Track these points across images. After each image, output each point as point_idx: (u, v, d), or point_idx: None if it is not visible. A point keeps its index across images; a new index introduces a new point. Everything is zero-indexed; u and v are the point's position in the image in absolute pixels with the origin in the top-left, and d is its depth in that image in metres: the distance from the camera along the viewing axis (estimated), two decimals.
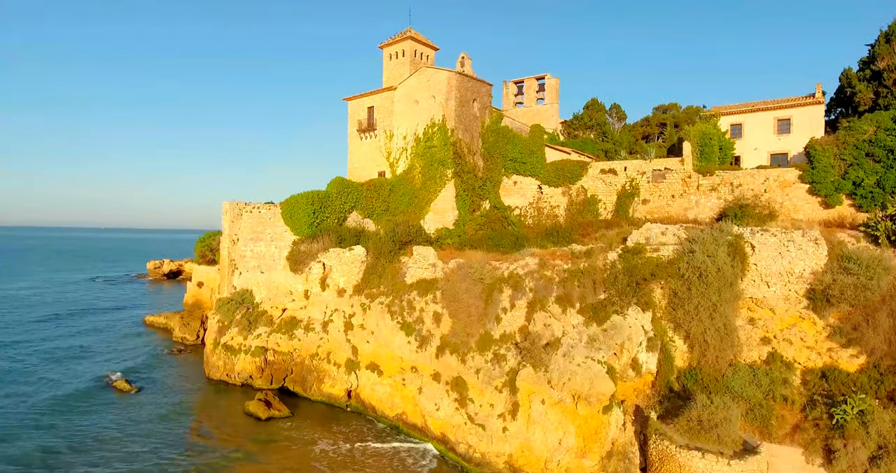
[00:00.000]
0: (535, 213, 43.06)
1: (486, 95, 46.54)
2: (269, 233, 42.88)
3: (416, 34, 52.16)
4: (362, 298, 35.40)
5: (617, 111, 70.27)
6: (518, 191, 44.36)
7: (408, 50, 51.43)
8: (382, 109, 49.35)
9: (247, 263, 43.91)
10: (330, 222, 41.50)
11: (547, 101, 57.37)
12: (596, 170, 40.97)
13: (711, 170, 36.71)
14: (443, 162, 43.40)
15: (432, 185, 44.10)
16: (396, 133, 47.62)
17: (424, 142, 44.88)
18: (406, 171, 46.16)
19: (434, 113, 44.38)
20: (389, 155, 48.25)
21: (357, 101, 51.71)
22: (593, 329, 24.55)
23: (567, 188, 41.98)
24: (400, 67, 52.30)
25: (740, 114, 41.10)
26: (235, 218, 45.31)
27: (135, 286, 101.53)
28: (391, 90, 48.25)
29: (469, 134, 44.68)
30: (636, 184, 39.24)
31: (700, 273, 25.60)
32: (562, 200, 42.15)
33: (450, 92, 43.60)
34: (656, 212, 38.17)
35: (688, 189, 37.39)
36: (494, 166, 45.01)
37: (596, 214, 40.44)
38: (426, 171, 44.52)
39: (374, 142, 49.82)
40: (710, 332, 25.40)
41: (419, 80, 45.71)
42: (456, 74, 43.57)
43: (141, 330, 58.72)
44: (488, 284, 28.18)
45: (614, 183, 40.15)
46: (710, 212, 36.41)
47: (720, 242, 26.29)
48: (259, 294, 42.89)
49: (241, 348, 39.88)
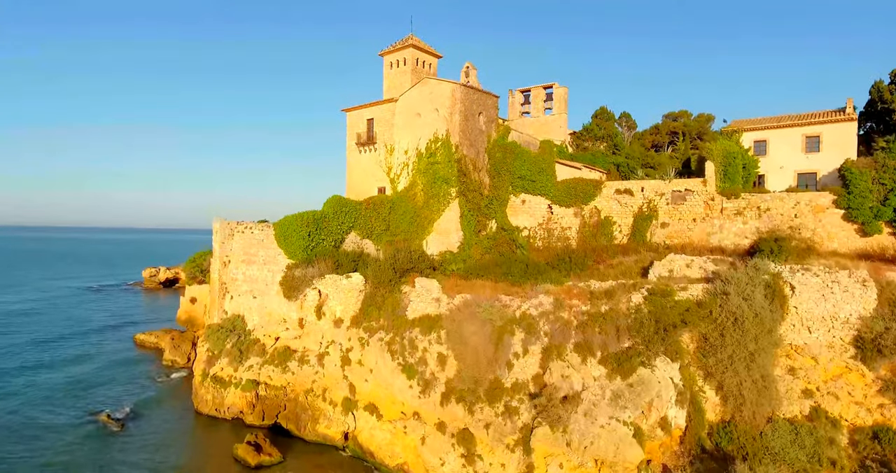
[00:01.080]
0: (545, 235, 40.46)
1: (492, 108, 43.93)
2: (261, 255, 40.29)
3: (418, 41, 49.59)
4: (360, 331, 32.82)
5: (627, 120, 67.66)
6: (527, 211, 41.75)
7: (409, 58, 48.89)
8: (383, 122, 46.79)
9: (238, 287, 41.33)
10: (326, 245, 38.91)
11: (555, 112, 54.76)
12: (610, 190, 38.35)
13: (737, 193, 34.09)
14: (446, 179, 40.82)
15: (435, 204, 41.54)
16: (397, 147, 45.05)
17: (427, 157, 42.31)
18: (407, 188, 43.59)
19: (437, 127, 41.80)
20: (390, 170, 45.68)
21: (356, 113, 49.14)
22: (617, 383, 21.96)
23: (579, 208, 39.36)
24: (401, 76, 49.75)
25: (765, 129, 38.43)
26: (227, 238, 42.75)
27: (129, 296, 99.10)
28: (392, 102, 45.67)
29: (474, 149, 42.09)
30: (654, 205, 36.62)
31: (735, 318, 23.00)
32: (574, 221, 39.54)
33: (454, 105, 41.01)
34: (676, 237, 35.57)
35: (710, 212, 34.77)
36: (501, 184, 42.40)
37: (610, 237, 37.84)
38: (429, 189, 41.95)
39: (374, 156, 47.26)
40: (746, 384, 22.80)
41: (421, 92, 43.12)
42: (460, 86, 40.97)
43: (131, 351, 56.20)
44: (498, 326, 25.58)
45: (630, 204, 37.53)
46: (734, 238, 33.80)
47: (756, 282, 23.68)
48: (251, 320, 40.31)
49: (232, 380, 37.31)
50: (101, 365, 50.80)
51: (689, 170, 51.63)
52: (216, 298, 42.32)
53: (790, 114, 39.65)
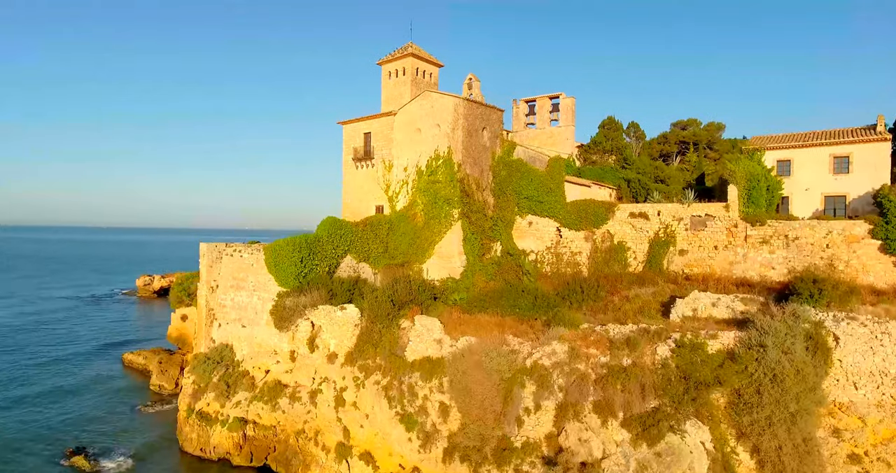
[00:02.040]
0: (554, 260, 37.94)
1: (496, 123, 41.42)
2: (251, 280, 37.79)
3: (418, 50, 47.08)
4: (355, 370, 30.31)
5: (635, 130, 65.16)
6: (534, 234, 39.23)
7: (409, 68, 46.38)
8: (381, 136, 44.27)
9: (227, 314, 38.84)
10: (320, 270, 36.41)
11: (562, 123, 52.24)
12: (624, 214, 35.83)
13: (762, 219, 31.58)
14: (448, 200, 38.30)
15: (436, 226, 39.02)
16: (396, 163, 42.54)
17: (427, 175, 39.79)
18: (407, 207, 41.07)
19: (438, 143, 39.28)
20: (388, 187, 43.16)
21: (352, 126, 46.62)
22: (643, 451, 19.51)
23: (590, 232, 36.86)
24: (400, 86, 47.24)
25: (789, 148, 35.91)
26: (214, 261, 40.28)
27: (122, 307, 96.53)
28: (390, 115, 43.15)
29: (478, 167, 39.57)
30: (672, 231, 34.12)
31: (774, 374, 20.51)
32: (584, 246, 37.03)
33: (456, 121, 38.49)
34: (696, 266, 33.07)
35: (734, 240, 32.27)
36: (507, 204, 39.87)
37: (624, 264, 35.34)
38: (429, 209, 39.43)
39: (372, 172, 44.74)
40: (786, 449, 20.30)
41: (422, 106, 40.60)
42: (463, 101, 38.44)
43: (118, 374, 53.69)
44: (507, 377, 23.09)
45: (646, 228, 35.02)
46: (760, 268, 31.29)
47: (796, 333, 21.18)
48: (240, 350, 37.81)
49: (218, 417, 34.82)
50: (85, 392, 48.27)
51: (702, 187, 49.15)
52: (203, 326, 39.85)
53: (816, 131, 37.14)
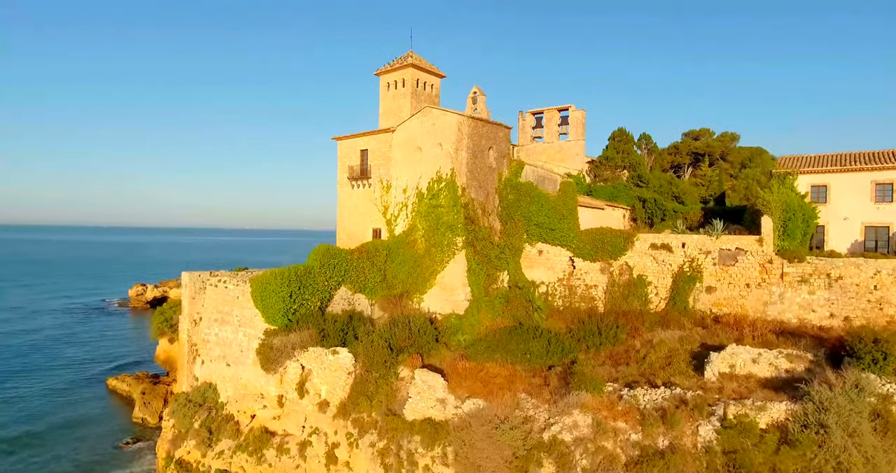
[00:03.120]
0: (566, 293, 34.82)
1: (503, 141, 38.28)
2: (236, 315, 34.68)
3: (419, 59, 43.94)
4: (349, 424, 27.23)
5: (647, 142, 62.08)
6: (544, 263, 36.11)
7: (408, 79, 43.24)
8: (378, 154, 41.13)
9: (210, 351, 35.74)
10: (311, 305, 33.30)
11: (571, 137, 49.11)
12: (645, 245, 32.70)
13: (800, 256, 28.46)
14: (451, 226, 35.19)
15: (438, 254, 35.91)
16: (395, 184, 39.42)
17: (429, 199, 36.68)
18: (406, 232, 37.98)
19: (441, 164, 36.16)
20: (386, 210, 40.05)
21: (348, 142, 43.48)
22: None
23: (607, 264, 33.74)
24: (399, 99, 44.12)
25: (825, 173, 32.78)
26: (197, 292, 37.18)
27: (112, 320, 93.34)
28: (388, 132, 40.02)
29: (484, 191, 36.44)
30: (698, 265, 30.99)
31: (838, 462, 17.41)
32: (600, 279, 33.90)
33: (460, 140, 35.36)
34: (725, 305, 29.95)
35: (768, 277, 29.15)
36: (515, 230, 36.74)
37: (645, 300, 32.22)
38: (430, 236, 36.33)
39: (368, 192, 41.62)
40: None
41: (422, 123, 37.47)
42: (468, 119, 35.30)
43: (101, 402, 50.58)
44: (521, 454, 20.02)
45: (668, 261, 31.90)
46: (799, 311, 28.17)
47: (861, 409, 18.08)
48: (224, 391, 34.72)
49: (199, 468, 31.75)
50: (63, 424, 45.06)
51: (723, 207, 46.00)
52: (185, 362, 36.76)
53: (856, 153, 33.98)
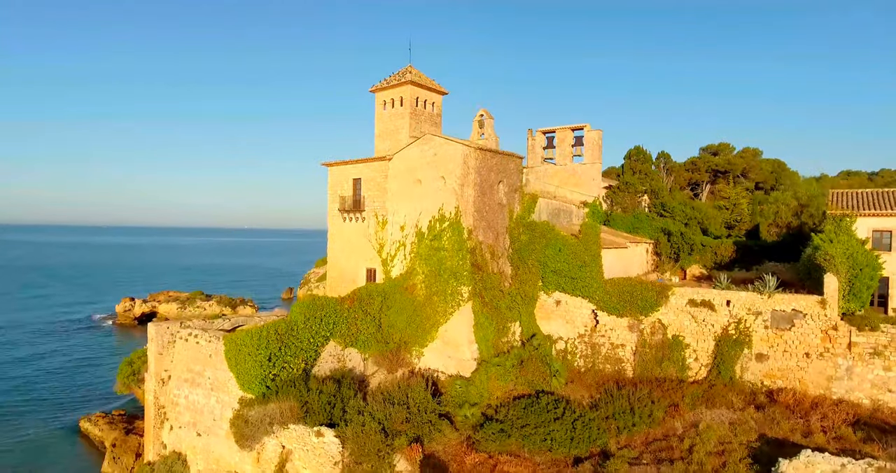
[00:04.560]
0: (589, 352, 30.28)
1: (514, 173, 33.72)
2: (208, 376, 30.15)
3: (418, 75, 39.39)
4: None
5: (665, 161, 57.47)
6: (563, 316, 31.57)
7: (407, 97, 38.71)
8: (373, 184, 36.59)
9: (180, 416, 31.23)
10: (293, 367, 28.78)
11: (586, 159, 44.52)
12: (682, 300, 28.14)
13: (873, 323, 23.92)
14: (456, 274, 30.69)
15: (441, 303, 31.42)
16: (391, 220, 34.91)
17: (430, 240, 32.19)
18: (404, 276, 33.47)
19: (443, 200, 31.64)
20: (382, 248, 35.53)
21: (339, 169, 38.94)
22: None
23: (636, 320, 29.18)
24: (397, 119, 39.58)
25: (891, 216, 28.21)
26: (166, 347, 32.64)
27: (96, 340, 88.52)
28: (384, 161, 35.50)
29: (493, 232, 31.90)
30: (746, 327, 26.43)
31: None
32: (629, 337, 29.36)
33: (466, 175, 30.80)
34: (780, 377, 25.41)
35: (832, 347, 24.60)
36: (528, 277, 32.22)
37: (682, 366, 27.68)
38: (432, 282, 31.85)
39: (362, 226, 37.09)
40: None
41: (422, 153, 32.94)
42: (474, 150, 30.72)
43: (70, 447, 45.95)
44: None
45: (710, 321, 27.35)
46: (872, 390, 23.64)
47: None
48: (194, 464, 30.21)
49: None
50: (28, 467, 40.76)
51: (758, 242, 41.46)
52: (152, 427, 32.24)
53: None
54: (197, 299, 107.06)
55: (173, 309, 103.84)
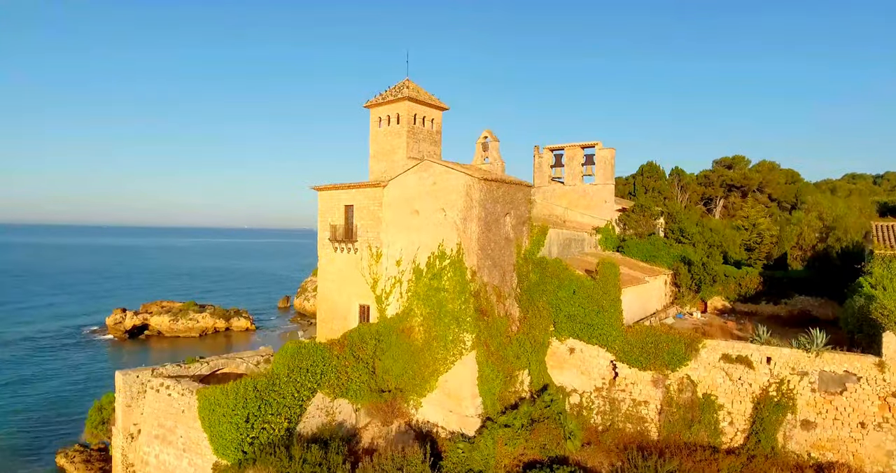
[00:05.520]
0: (608, 408, 26.99)
1: (522, 204, 30.43)
2: (180, 434, 26.93)
3: (416, 90, 36.15)
4: None
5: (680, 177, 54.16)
6: (577, 365, 28.30)
7: (404, 114, 35.51)
8: (366, 213, 33.32)
9: None
10: (275, 427, 25.55)
11: (598, 180, 41.24)
12: (714, 355, 24.86)
13: None
14: (458, 318, 27.44)
15: (441, 350, 28.18)
16: (386, 252, 31.67)
17: (428, 278, 28.95)
18: (401, 316, 30.26)
19: (444, 235, 28.38)
20: (376, 283, 32.29)
21: (330, 194, 35.67)
22: None
23: (661, 375, 25.90)
24: (393, 138, 36.37)
25: None
26: (135, 397, 29.42)
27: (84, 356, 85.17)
28: (378, 187, 32.23)
29: (499, 271, 28.62)
30: (789, 389, 23.15)
31: None
32: (653, 393, 26.07)
33: (469, 208, 27.51)
34: (829, 448, 22.14)
35: (892, 416, 21.35)
36: (538, 321, 28.95)
37: (715, 430, 24.40)
38: (431, 326, 28.62)
39: (354, 258, 33.84)
40: None
41: (421, 181, 29.67)
42: (478, 181, 27.39)
43: None
44: None
45: (747, 380, 24.06)
46: None
47: None
48: None
49: None
50: None
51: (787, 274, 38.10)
52: None
53: None
54: (190, 311, 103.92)
55: (165, 322, 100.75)
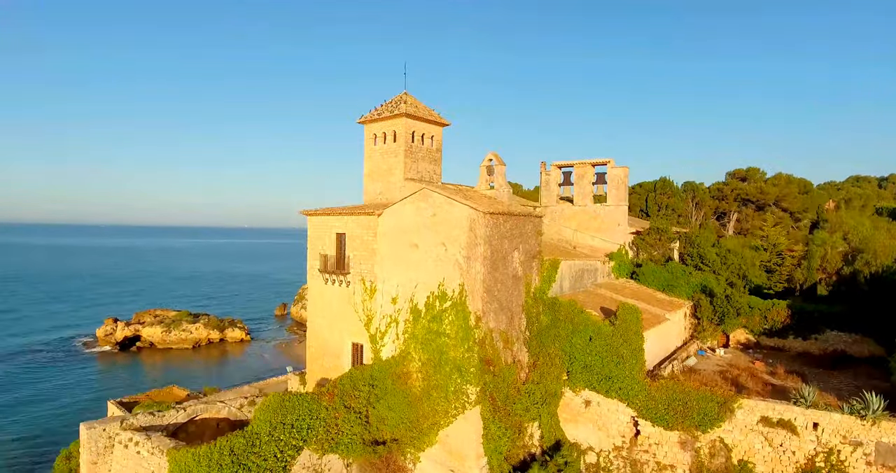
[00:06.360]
0: (628, 471, 24.08)
1: (532, 236, 27.46)
2: None
3: (414, 105, 33.25)
4: None
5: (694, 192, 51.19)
6: (594, 420, 25.37)
7: (402, 131, 32.64)
8: (359, 243, 30.37)
9: None
10: None
11: (611, 201, 38.26)
12: (751, 417, 21.93)
13: None
14: (461, 368, 24.53)
15: (442, 402, 25.26)
16: (381, 288, 28.74)
17: (428, 320, 26.02)
18: (397, 359, 27.33)
19: (445, 273, 25.44)
20: (370, 321, 29.37)
21: (320, 220, 32.74)
22: None
23: (690, 436, 22.98)
24: (389, 157, 33.49)
25: None
26: (101, 453, 26.49)
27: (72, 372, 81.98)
28: (372, 215, 29.29)
29: (506, 313, 25.67)
30: (840, 462, 20.23)
31: None
32: (680, 457, 23.15)
33: (474, 245, 24.55)
34: None
35: None
36: (549, 368, 26.01)
37: None
38: (431, 373, 25.71)
39: (346, 292, 30.90)
40: None
41: (418, 212, 26.72)
42: (484, 215, 24.41)
43: None
44: None
45: (790, 447, 21.15)
46: None
47: None
48: None
49: None
50: None
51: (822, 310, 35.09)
52: None
53: None
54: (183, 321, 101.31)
55: (157, 333, 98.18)
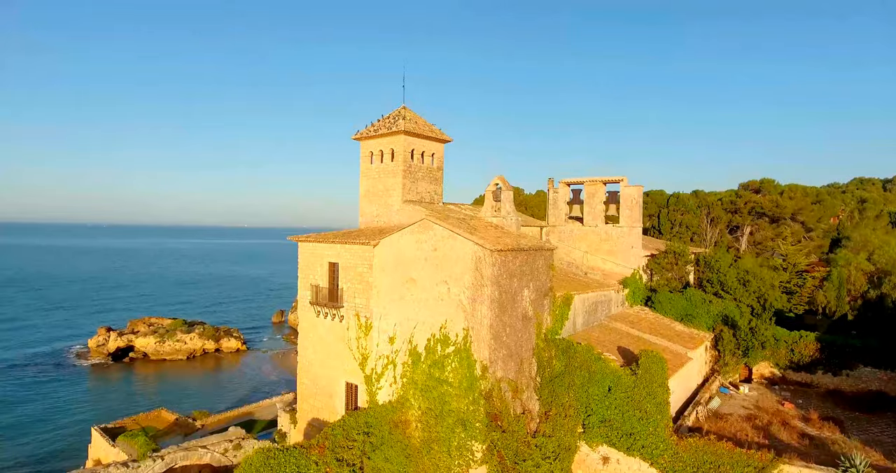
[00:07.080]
0: None
1: (543, 272, 24.92)
2: None
3: (414, 121, 30.80)
4: None
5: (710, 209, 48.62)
6: None
7: (400, 149, 30.26)
8: (353, 274, 27.88)
9: None
10: None
11: (623, 222, 35.72)
12: None
13: None
14: (465, 422, 22.08)
15: (444, 457, 22.80)
16: (377, 325, 26.28)
17: (428, 365, 23.56)
18: (395, 405, 24.86)
19: (447, 315, 22.97)
20: (365, 361, 26.92)
21: (312, 248, 30.25)
22: None
23: None
24: (387, 177, 31.11)
25: None
26: None
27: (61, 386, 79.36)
28: (367, 245, 26.78)
29: (515, 360, 23.17)
30: None
31: None
32: None
33: (479, 286, 22.04)
34: None
35: None
36: (563, 420, 23.47)
37: None
38: (431, 424, 23.25)
39: (339, 327, 28.46)
40: None
41: (418, 245, 24.22)
42: (491, 253, 21.86)
43: None
44: None
45: None
46: None
47: None
48: None
49: None
50: None
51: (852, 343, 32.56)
52: None
53: None
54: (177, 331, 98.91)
55: (151, 344, 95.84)
